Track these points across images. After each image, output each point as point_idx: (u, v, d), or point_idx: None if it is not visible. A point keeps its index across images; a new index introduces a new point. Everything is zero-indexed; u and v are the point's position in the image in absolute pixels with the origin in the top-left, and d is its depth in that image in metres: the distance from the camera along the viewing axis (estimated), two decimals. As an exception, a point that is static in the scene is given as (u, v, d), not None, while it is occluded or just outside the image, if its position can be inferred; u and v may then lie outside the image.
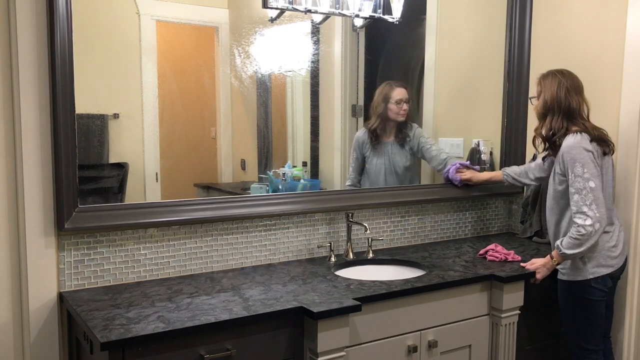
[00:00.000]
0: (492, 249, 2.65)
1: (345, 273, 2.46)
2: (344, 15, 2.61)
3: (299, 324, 1.98)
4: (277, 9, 2.45)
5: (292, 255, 2.56)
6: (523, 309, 2.47)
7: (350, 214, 2.62)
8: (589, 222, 2.24)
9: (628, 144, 2.66)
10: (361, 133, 2.86)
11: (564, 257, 2.33)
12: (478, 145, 3.14)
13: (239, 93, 2.57)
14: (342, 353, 2.02)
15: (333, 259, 2.55)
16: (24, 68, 1.96)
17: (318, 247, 2.61)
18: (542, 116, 2.45)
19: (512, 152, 3.13)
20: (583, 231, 2.25)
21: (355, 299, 2.04)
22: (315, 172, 2.81)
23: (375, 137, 2.86)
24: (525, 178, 2.77)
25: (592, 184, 2.26)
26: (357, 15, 2.64)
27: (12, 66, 1.98)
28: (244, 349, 1.88)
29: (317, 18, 2.65)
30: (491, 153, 3.17)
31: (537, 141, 2.50)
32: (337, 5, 2.56)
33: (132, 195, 2.32)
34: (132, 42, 2.33)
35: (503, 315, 2.40)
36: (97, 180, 2.26)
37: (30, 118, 1.99)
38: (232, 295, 2.07)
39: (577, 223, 2.26)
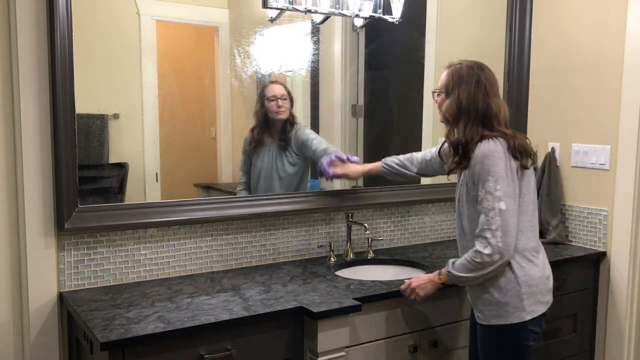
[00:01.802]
0: (492, 249, 2.64)
1: (345, 273, 2.46)
2: (344, 15, 2.61)
3: (299, 324, 1.98)
4: (277, 9, 2.45)
5: (292, 255, 2.56)
6: (523, 309, 2.46)
7: (350, 214, 2.62)
8: (488, 250, 1.87)
9: (628, 143, 2.66)
10: (248, 135, 2.63)
11: (452, 279, 1.99)
12: (478, 145, 3.14)
13: (239, 93, 2.57)
14: (342, 353, 2.02)
15: (333, 259, 2.55)
16: (24, 68, 1.96)
17: (318, 247, 2.61)
18: (455, 120, 2.02)
19: (512, 152, 3.13)
20: (479, 259, 1.89)
21: (355, 299, 2.04)
22: (315, 172, 2.81)
23: (256, 140, 2.61)
24: (407, 169, 2.50)
25: (502, 206, 1.88)
26: (357, 15, 2.64)
27: (12, 66, 1.98)
28: (244, 349, 1.88)
29: (317, 18, 2.65)
30: (491, 153, 3.17)
31: (443, 147, 2.12)
32: (337, 5, 2.56)
33: (132, 195, 2.32)
34: (132, 42, 2.32)
35: (503, 315, 2.40)
36: (97, 180, 2.26)
37: (30, 118, 1.99)
38: (232, 295, 2.07)
39: (476, 248, 1.91)
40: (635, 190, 2.64)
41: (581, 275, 2.76)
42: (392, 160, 2.52)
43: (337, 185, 2.83)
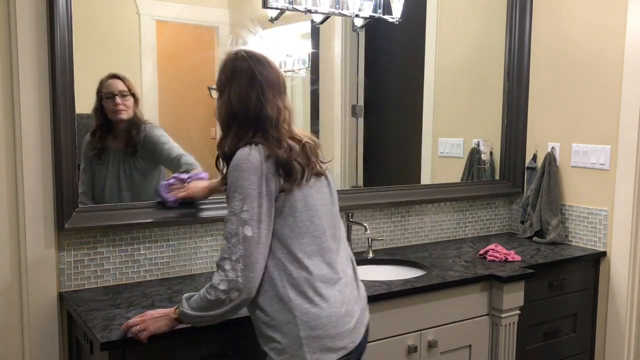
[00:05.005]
0: (492, 249, 2.65)
1: (345, 273, 2.45)
2: (344, 15, 2.61)
3: (299, 324, 1.98)
4: (277, 9, 2.45)
5: (292, 255, 2.56)
6: (523, 309, 2.47)
7: (350, 214, 2.62)
8: (223, 286, 1.53)
9: (628, 143, 2.66)
10: (89, 137, 2.26)
11: (185, 318, 1.62)
12: (478, 145, 3.14)
13: (239, 93, 2.57)
14: (342, 353, 2.02)
15: (333, 259, 2.54)
16: (24, 68, 1.96)
17: (318, 247, 2.60)
18: (225, 127, 1.66)
19: (512, 152, 3.14)
20: (213, 297, 1.55)
21: (355, 299, 2.03)
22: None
23: (98, 146, 2.27)
24: None
25: (247, 232, 1.53)
26: (357, 15, 2.64)
27: (12, 66, 1.98)
28: (244, 349, 1.88)
29: (317, 18, 2.65)
30: (491, 153, 3.17)
31: (219, 161, 1.71)
32: (337, 5, 2.56)
33: (132, 195, 2.32)
34: (132, 42, 2.32)
35: (503, 315, 2.40)
36: (96, 180, 2.25)
37: (31, 118, 1.99)
38: (232, 295, 2.07)
39: (212, 281, 1.56)
40: (635, 190, 2.64)
41: (581, 275, 2.76)
42: None
43: (337, 185, 2.83)
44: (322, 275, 1.60)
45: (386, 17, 2.69)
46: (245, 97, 1.62)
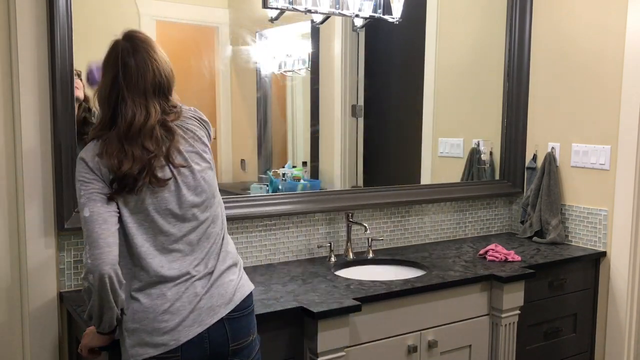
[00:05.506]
0: (492, 249, 2.65)
1: (345, 273, 2.46)
2: (344, 15, 2.61)
3: (299, 324, 1.98)
4: (277, 9, 2.45)
5: (292, 255, 2.56)
6: (523, 309, 2.47)
7: (350, 214, 2.62)
8: (83, 274, 1.53)
9: (628, 143, 2.66)
10: None
11: (90, 319, 1.61)
12: (478, 145, 3.14)
13: (239, 93, 2.57)
14: (342, 353, 2.02)
15: (333, 259, 2.55)
16: (24, 68, 1.96)
17: (318, 247, 2.61)
18: (99, 110, 1.65)
19: (512, 152, 3.14)
20: (83, 287, 1.55)
21: (355, 299, 2.04)
22: (315, 172, 2.81)
23: None
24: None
25: (86, 213, 1.52)
26: (357, 15, 2.64)
27: (12, 66, 1.98)
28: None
29: (317, 18, 2.65)
30: (491, 153, 3.18)
31: None
32: (337, 5, 2.56)
33: (132, 195, 2.31)
34: (132, 42, 2.32)
35: (503, 315, 2.40)
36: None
37: (31, 118, 1.99)
38: (232, 295, 2.07)
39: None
40: (635, 190, 2.64)
41: (581, 275, 2.76)
42: None
43: (337, 185, 2.84)
44: (151, 273, 1.58)
45: (386, 17, 2.69)
46: (109, 96, 1.58)
